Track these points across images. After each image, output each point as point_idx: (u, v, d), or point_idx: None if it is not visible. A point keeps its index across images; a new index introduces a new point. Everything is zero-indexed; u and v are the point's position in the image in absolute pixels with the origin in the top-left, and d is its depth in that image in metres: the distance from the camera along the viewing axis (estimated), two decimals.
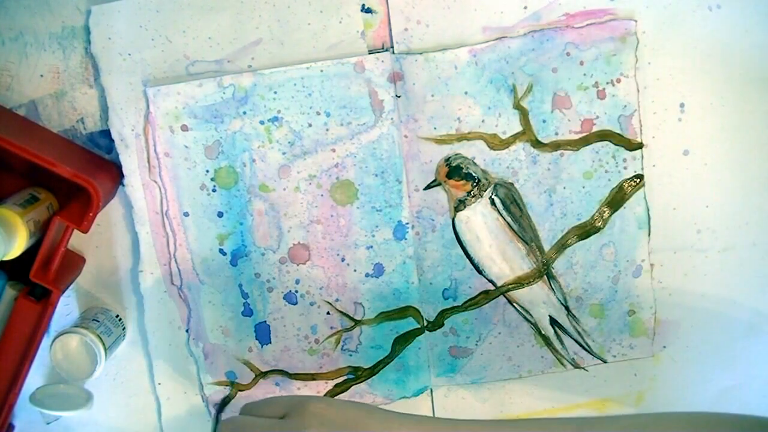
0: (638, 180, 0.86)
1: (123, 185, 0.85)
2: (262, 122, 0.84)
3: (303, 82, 0.83)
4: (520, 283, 0.88)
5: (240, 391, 0.90)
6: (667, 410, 0.91)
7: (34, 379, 0.88)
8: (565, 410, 0.92)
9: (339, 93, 0.83)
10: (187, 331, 0.89)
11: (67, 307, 0.89)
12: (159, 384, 0.90)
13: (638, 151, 0.86)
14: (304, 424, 0.69)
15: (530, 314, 0.89)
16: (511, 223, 0.86)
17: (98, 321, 0.86)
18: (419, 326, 0.89)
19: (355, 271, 0.87)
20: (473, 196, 0.86)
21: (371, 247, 0.86)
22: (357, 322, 0.88)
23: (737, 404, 0.93)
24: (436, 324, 0.89)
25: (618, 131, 0.85)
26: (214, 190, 0.85)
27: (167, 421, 0.91)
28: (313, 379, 0.90)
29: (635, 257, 0.88)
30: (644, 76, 0.85)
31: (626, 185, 0.87)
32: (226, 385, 0.90)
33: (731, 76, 0.86)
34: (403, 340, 0.89)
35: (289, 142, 0.84)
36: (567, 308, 0.89)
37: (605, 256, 0.88)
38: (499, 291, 0.88)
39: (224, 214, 0.86)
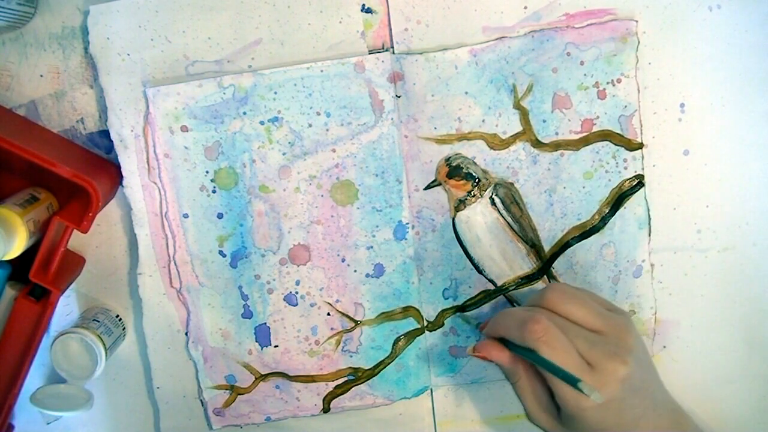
0: (638, 180, 0.86)
1: (122, 186, 0.85)
2: (262, 122, 0.84)
3: (303, 82, 0.83)
4: (520, 282, 0.88)
5: (240, 394, 0.90)
6: None
7: (34, 379, 0.88)
8: None
9: (339, 93, 0.83)
10: (186, 334, 0.88)
11: (67, 307, 0.89)
12: (158, 388, 0.90)
13: (638, 151, 0.86)
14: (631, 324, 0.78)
15: None
16: (512, 222, 0.86)
17: (98, 321, 0.86)
18: (419, 326, 0.89)
19: (355, 271, 0.87)
20: (473, 196, 0.86)
21: (371, 247, 0.86)
22: (357, 323, 0.88)
23: (738, 405, 0.93)
24: (436, 324, 0.89)
25: (618, 131, 0.85)
26: (213, 192, 0.85)
27: (166, 427, 0.91)
28: (314, 381, 0.90)
29: (635, 257, 0.88)
30: (644, 76, 0.85)
31: (626, 185, 0.86)
32: (226, 389, 0.90)
33: (731, 76, 0.86)
34: (403, 341, 0.89)
35: (289, 143, 0.84)
36: None
37: (605, 256, 0.88)
38: (500, 291, 0.88)
39: (224, 216, 0.86)
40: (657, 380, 0.80)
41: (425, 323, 0.89)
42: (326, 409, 0.91)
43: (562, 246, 0.87)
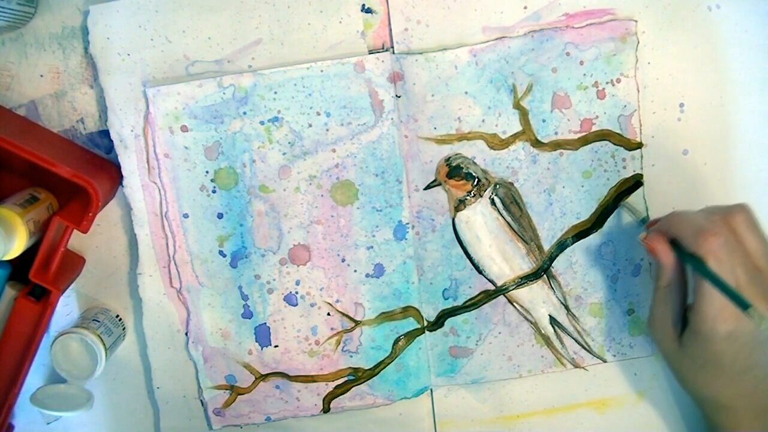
0: (637, 179, 0.86)
1: (122, 186, 0.85)
2: (262, 122, 0.84)
3: (303, 82, 0.83)
4: (520, 282, 0.88)
5: (240, 394, 0.90)
6: (667, 410, 0.92)
7: (34, 379, 0.88)
8: (565, 410, 0.92)
9: (339, 93, 0.83)
10: (186, 334, 0.88)
11: (67, 307, 0.89)
12: (158, 388, 0.90)
13: (638, 151, 0.86)
14: None
15: (530, 314, 0.89)
16: (511, 222, 0.86)
17: (98, 321, 0.85)
18: (419, 326, 0.89)
19: (355, 271, 0.87)
20: (473, 196, 0.86)
21: (371, 247, 0.86)
22: (357, 323, 0.88)
23: None
24: (436, 324, 0.89)
25: (617, 131, 0.86)
26: (214, 191, 0.85)
27: (166, 427, 0.91)
28: (314, 381, 0.90)
29: (634, 256, 0.88)
30: (644, 76, 0.85)
31: (625, 185, 0.87)
32: (226, 389, 0.90)
33: (731, 76, 0.86)
34: (403, 341, 0.89)
35: (289, 143, 0.84)
36: (567, 308, 0.89)
37: (604, 255, 0.88)
38: (499, 291, 0.88)
39: (224, 216, 0.86)
40: None
41: (425, 323, 0.89)
42: (326, 409, 0.91)
43: (562, 245, 0.88)
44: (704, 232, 0.74)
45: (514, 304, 0.89)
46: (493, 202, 0.86)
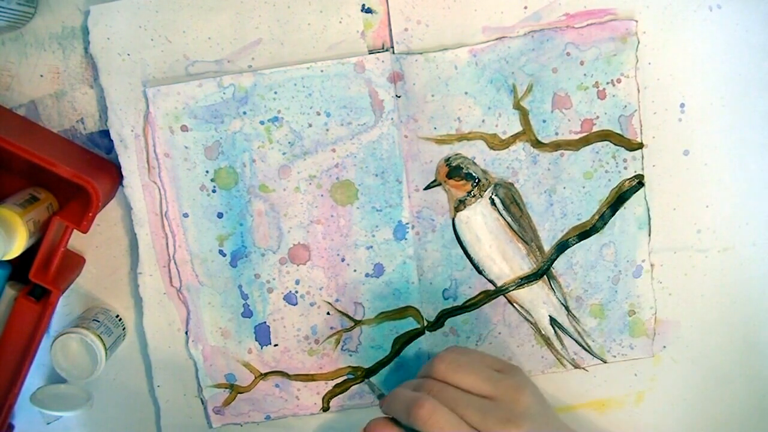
0: (638, 180, 0.86)
1: (122, 186, 0.85)
2: (262, 122, 0.83)
3: (303, 82, 0.83)
4: (520, 283, 0.88)
5: (240, 393, 0.90)
6: (667, 410, 0.92)
7: (34, 379, 0.88)
8: (565, 410, 0.92)
9: (339, 93, 0.83)
10: (186, 333, 0.88)
11: (67, 307, 0.89)
12: (158, 386, 0.90)
13: (638, 152, 0.86)
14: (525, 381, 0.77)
15: (530, 314, 0.89)
16: (511, 223, 0.86)
17: (98, 321, 0.85)
18: (419, 326, 0.89)
19: (355, 271, 0.87)
20: (473, 196, 0.86)
21: (371, 247, 0.86)
22: (357, 323, 0.88)
23: (738, 405, 0.93)
24: (436, 324, 0.89)
25: (618, 131, 0.85)
26: (213, 191, 0.85)
27: (166, 425, 0.91)
28: (313, 380, 0.90)
29: (635, 257, 0.88)
30: (644, 76, 0.85)
31: (626, 185, 0.86)
32: (226, 388, 0.90)
33: (731, 76, 0.86)
34: (403, 341, 0.89)
35: (289, 143, 0.84)
36: (567, 308, 0.89)
37: (605, 256, 0.88)
38: (499, 291, 0.88)
39: (224, 215, 0.86)
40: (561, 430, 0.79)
41: (425, 323, 0.89)
42: (326, 408, 0.91)
43: (562, 246, 0.88)
44: (411, 406, 0.73)
45: (514, 304, 0.89)
46: (493, 203, 0.86)
